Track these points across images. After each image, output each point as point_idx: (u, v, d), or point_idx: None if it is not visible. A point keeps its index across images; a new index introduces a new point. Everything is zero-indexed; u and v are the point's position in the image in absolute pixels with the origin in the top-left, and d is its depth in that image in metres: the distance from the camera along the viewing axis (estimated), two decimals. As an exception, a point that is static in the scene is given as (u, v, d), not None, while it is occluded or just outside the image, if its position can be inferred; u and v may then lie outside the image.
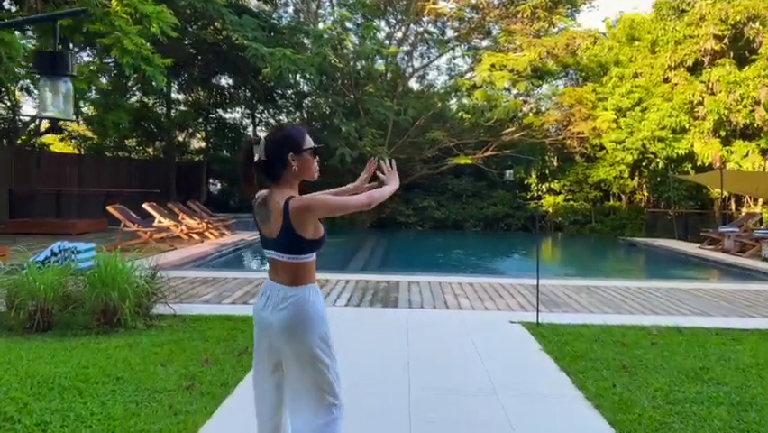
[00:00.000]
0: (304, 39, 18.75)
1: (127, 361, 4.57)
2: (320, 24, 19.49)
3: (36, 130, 19.88)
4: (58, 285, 5.56)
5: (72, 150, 23.81)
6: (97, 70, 18.97)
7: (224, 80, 25.31)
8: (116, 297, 5.32)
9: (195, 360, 4.68)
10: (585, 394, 4.10)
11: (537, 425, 3.65)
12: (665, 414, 3.72)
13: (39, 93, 3.12)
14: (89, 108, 18.65)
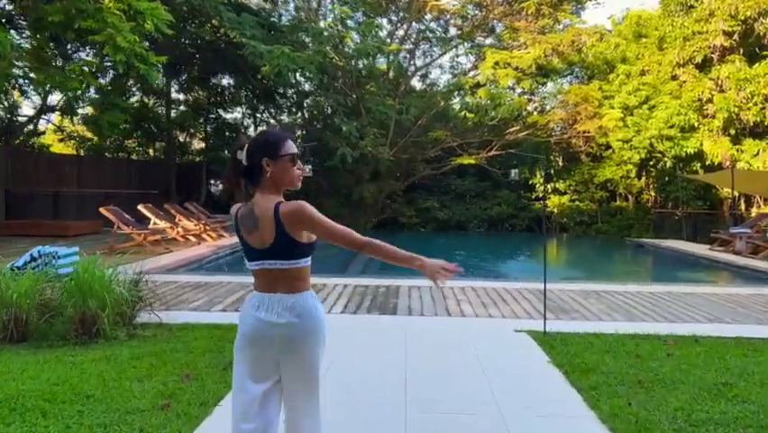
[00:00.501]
0: (304, 37, 18.43)
1: (102, 376, 4.24)
2: (321, 23, 19.15)
3: (34, 130, 19.60)
4: (34, 293, 5.23)
5: (71, 151, 23.56)
6: (96, 70, 18.78)
7: (224, 80, 25.03)
8: (94, 306, 4.98)
9: (175, 374, 4.34)
10: (598, 414, 3.74)
11: (546, 451, 3.30)
12: (689, 439, 3.37)
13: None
14: (88, 108, 18.34)
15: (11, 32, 14.24)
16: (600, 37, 20.17)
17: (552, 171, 21.24)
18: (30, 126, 19.26)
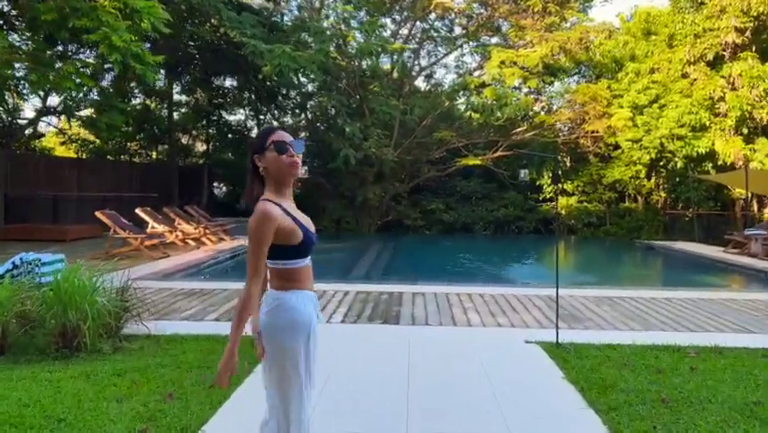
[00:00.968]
0: (306, 37, 18.11)
1: (78, 396, 3.91)
2: (323, 23, 18.81)
3: (34, 133, 19.35)
4: (12, 303, 4.91)
5: (73, 154, 23.34)
6: (94, 71, 18.51)
7: (226, 82, 24.77)
8: (75, 318, 4.65)
9: (158, 393, 4.01)
10: (621, 441, 3.38)
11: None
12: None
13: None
14: (89, 110, 18.05)
15: (9, 33, 14.03)
16: (609, 34, 19.76)
17: (560, 172, 20.81)
18: (30, 129, 18.97)
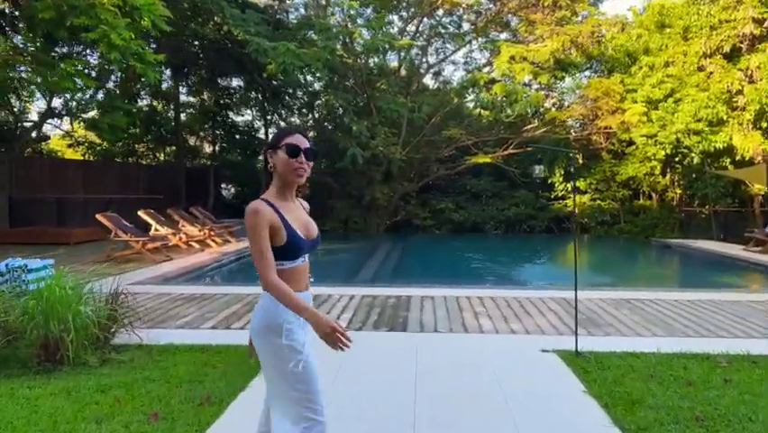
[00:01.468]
0: (312, 35, 17.78)
1: (54, 417, 3.59)
2: (329, 20, 18.48)
3: (38, 135, 19.17)
4: (-6, 313, 4.61)
5: (80, 156, 23.19)
6: (99, 72, 18.30)
7: (233, 82, 24.52)
8: (57, 329, 4.34)
9: (142, 412, 3.68)
10: (654, 468, 3.01)
11: None
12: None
13: None
14: (94, 112, 17.84)
15: (12, 36, 13.83)
16: (622, 27, 19.25)
17: (572, 169, 20.35)
18: (35, 132, 18.79)
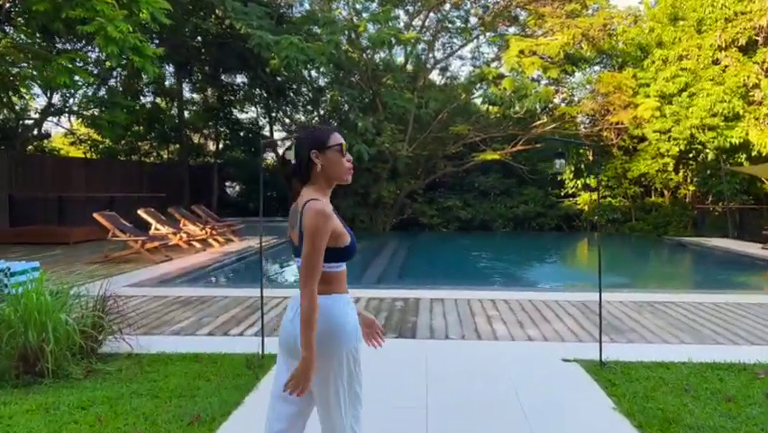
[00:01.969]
0: (316, 29, 17.40)
1: (26, 439, 3.24)
2: (334, 15, 18.08)
3: (39, 133, 18.90)
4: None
5: (82, 154, 22.94)
6: (102, 69, 18.01)
7: (237, 78, 24.19)
8: (35, 339, 3.99)
9: (126, 432, 3.33)
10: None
11: None
12: None
13: None
14: (92, 108, 17.54)
15: (9, 31, 13.52)
16: (635, 20, 18.75)
17: (582, 166, 19.89)
18: (36, 129, 18.53)
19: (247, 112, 26.35)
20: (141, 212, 12.18)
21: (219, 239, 13.64)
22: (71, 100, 16.50)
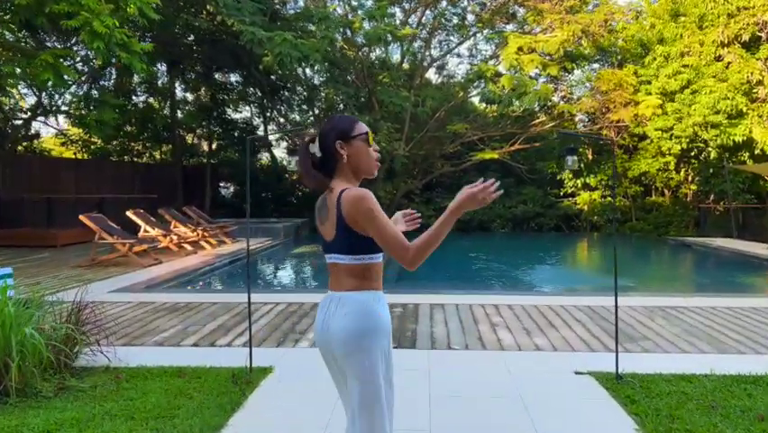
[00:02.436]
0: (311, 27, 17.03)
1: (-21, 471, 2.88)
2: (329, 11, 17.70)
3: (27, 134, 18.49)
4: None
5: (72, 154, 22.51)
6: (92, 67, 17.59)
7: (231, 77, 23.80)
8: (-1, 355, 3.62)
9: (93, 463, 2.97)
10: None
11: None
12: None
13: None
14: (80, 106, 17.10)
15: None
16: (636, 15, 18.44)
17: (581, 165, 19.57)
18: (24, 130, 18.11)
19: (241, 111, 25.98)
20: (129, 213, 11.81)
21: (211, 241, 13.28)
22: (60, 100, 16.07)
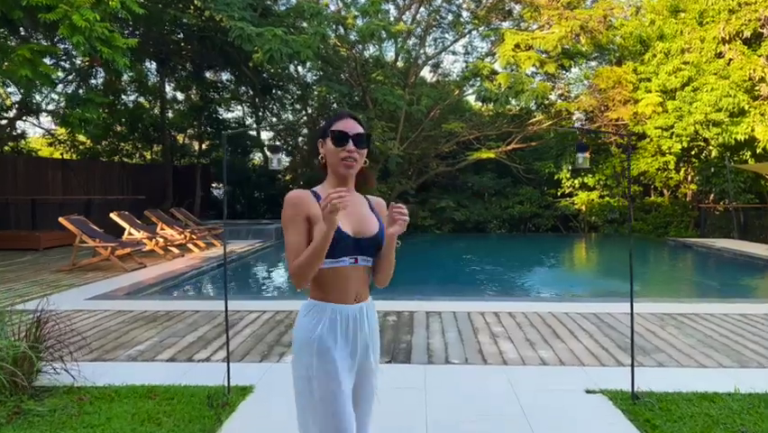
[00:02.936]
0: (303, 23, 16.59)
1: None
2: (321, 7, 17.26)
3: (11, 132, 17.98)
4: None
5: (59, 155, 22.01)
6: (78, 66, 17.13)
7: (221, 76, 23.34)
8: (-62, 379, 3.20)
9: None
10: None
11: None
12: None
13: None
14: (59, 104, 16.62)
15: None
16: (636, 11, 18.06)
17: (580, 165, 19.17)
18: (9, 129, 17.60)
19: (233, 111, 25.54)
20: (114, 216, 11.37)
21: (199, 244, 12.84)
22: (46, 98, 15.57)
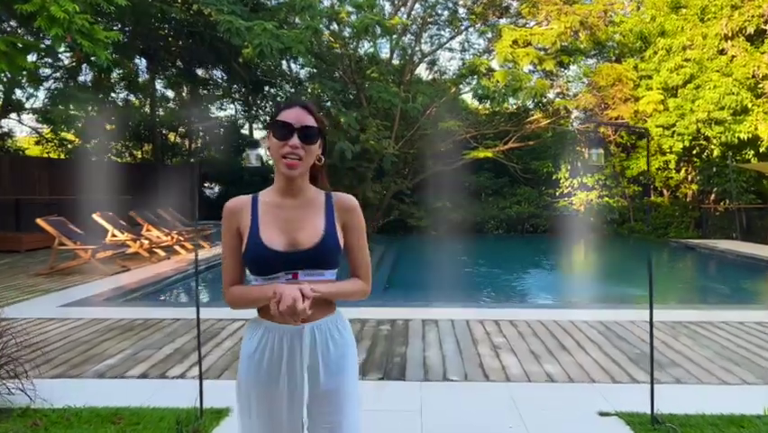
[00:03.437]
0: (296, 19, 16.18)
1: None
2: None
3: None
4: None
5: (44, 153, 21.54)
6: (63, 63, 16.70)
7: (212, 73, 22.93)
8: None
9: None
10: None
11: None
12: None
13: None
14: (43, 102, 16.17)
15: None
16: (637, 6, 17.70)
17: (579, 164, 18.82)
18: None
19: (225, 109, 25.15)
20: (96, 216, 10.93)
21: (187, 246, 12.39)
22: (23, 95, 15.13)
